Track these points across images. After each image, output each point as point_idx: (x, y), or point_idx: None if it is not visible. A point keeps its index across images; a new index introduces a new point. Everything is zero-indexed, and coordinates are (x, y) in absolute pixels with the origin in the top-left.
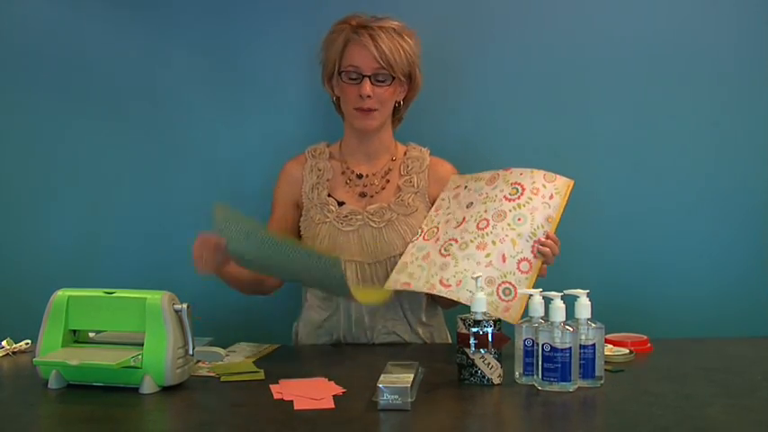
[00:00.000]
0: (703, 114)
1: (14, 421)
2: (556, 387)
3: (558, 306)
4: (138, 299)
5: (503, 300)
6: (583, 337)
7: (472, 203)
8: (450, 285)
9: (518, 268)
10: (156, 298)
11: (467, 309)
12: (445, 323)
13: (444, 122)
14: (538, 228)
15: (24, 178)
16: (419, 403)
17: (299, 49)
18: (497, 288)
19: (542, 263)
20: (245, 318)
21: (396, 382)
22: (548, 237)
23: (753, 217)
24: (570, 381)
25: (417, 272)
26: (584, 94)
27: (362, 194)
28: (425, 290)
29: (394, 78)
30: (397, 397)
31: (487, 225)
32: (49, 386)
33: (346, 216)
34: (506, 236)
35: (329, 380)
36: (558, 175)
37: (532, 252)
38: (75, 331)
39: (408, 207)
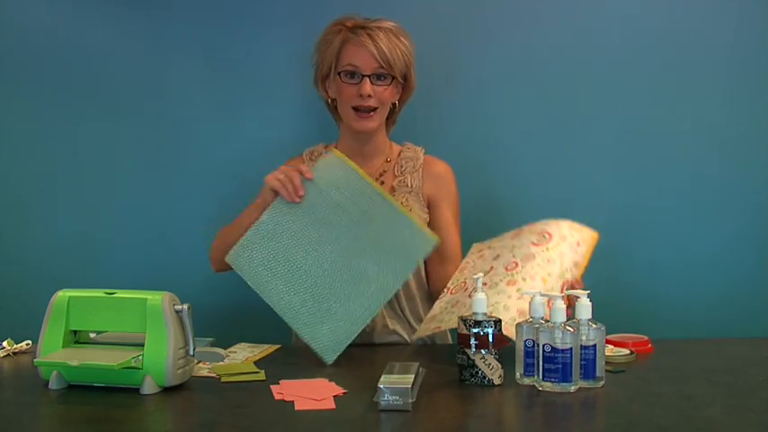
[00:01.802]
0: (704, 115)
1: (15, 422)
2: (556, 388)
3: (559, 307)
4: (138, 299)
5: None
6: (583, 337)
7: (498, 256)
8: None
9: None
10: (157, 298)
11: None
12: None
13: (441, 123)
14: (566, 270)
15: (24, 178)
16: (420, 404)
17: (298, 51)
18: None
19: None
20: (245, 318)
21: (396, 382)
22: (572, 284)
23: (753, 217)
24: (571, 381)
25: (447, 317)
26: (583, 95)
27: None
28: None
29: (393, 78)
30: (397, 397)
31: (516, 266)
32: (49, 387)
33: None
34: (536, 273)
35: (330, 380)
36: (583, 226)
37: (562, 292)
38: (75, 332)
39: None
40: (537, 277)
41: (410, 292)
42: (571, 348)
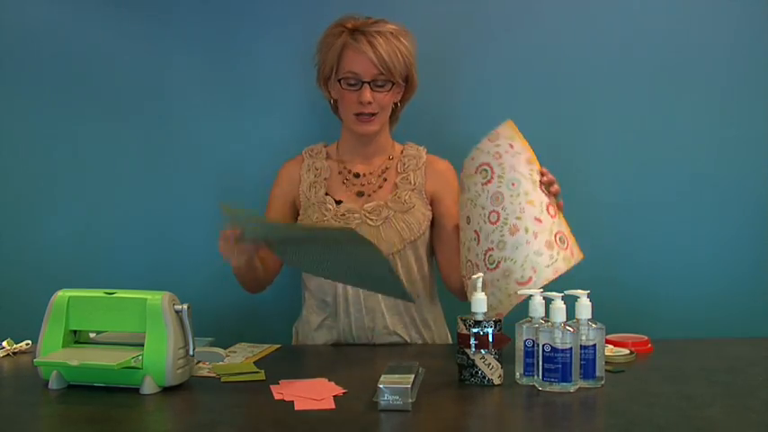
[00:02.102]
0: (704, 114)
1: (15, 421)
2: (556, 387)
3: (559, 306)
4: (138, 299)
5: (563, 248)
6: (583, 337)
7: (469, 218)
8: (528, 280)
9: (549, 214)
10: (157, 298)
11: (468, 309)
12: (446, 323)
13: (443, 123)
14: (530, 174)
15: (24, 178)
16: (420, 404)
17: (299, 50)
18: (555, 242)
19: (555, 197)
20: (245, 318)
21: (396, 382)
22: (542, 173)
23: (753, 217)
24: (571, 381)
25: (495, 300)
26: (584, 95)
27: (360, 193)
28: (516, 302)
29: (393, 84)
30: (397, 397)
31: (497, 215)
32: (49, 387)
33: (344, 214)
34: (519, 203)
35: (329, 380)
36: (495, 129)
37: (545, 194)
38: (75, 332)
39: (405, 204)
40: (524, 204)
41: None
42: (571, 348)
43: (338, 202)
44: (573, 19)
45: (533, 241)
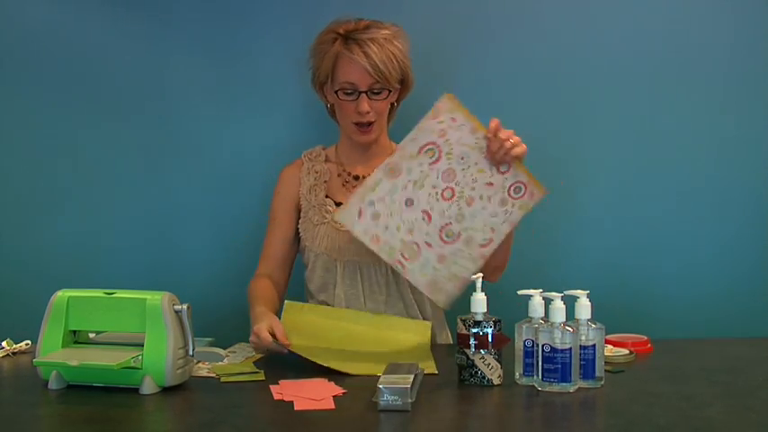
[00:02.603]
0: (704, 114)
1: (14, 422)
2: (556, 388)
3: (559, 307)
4: (138, 299)
5: (519, 197)
6: (583, 337)
7: (411, 200)
8: (489, 241)
9: (500, 173)
10: (157, 298)
11: (467, 309)
12: (446, 323)
13: None
14: (476, 143)
15: (24, 178)
16: (419, 404)
17: (299, 51)
18: (510, 196)
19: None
20: (245, 318)
21: (396, 382)
22: (490, 138)
23: (753, 217)
24: (570, 381)
25: (458, 268)
26: (584, 95)
27: None
28: (481, 263)
29: (390, 91)
30: (397, 398)
31: (451, 191)
32: (49, 387)
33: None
34: (471, 174)
35: (329, 380)
36: (435, 104)
37: (494, 159)
38: (75, 332)
39: None
40: (476, 175)
41: (412, 288)
42: (570, 348)
43: (338, 205)
44: (573, 20)
45: (488, 205)
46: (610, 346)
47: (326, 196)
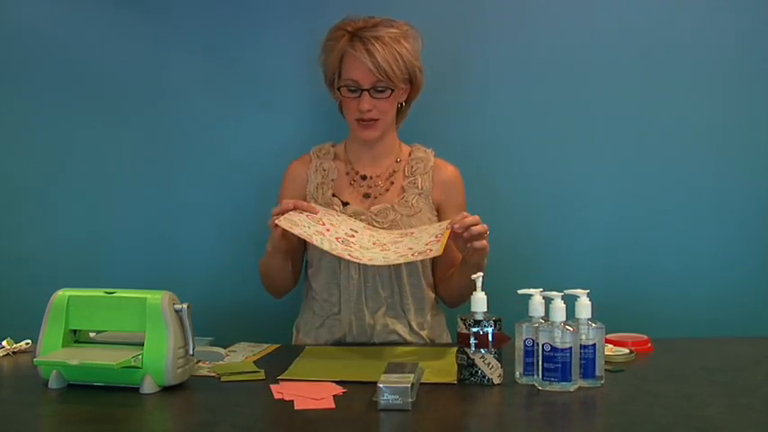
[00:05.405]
0: (704, 115)
1: (14, 421)
2: (556, 387)
3: (559, 306)
4: (138, 299)
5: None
6: (583, 336)
7: (354, 231)
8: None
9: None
10: (157, 298)
11: (467, 308)
12: (446, 323)
13: (448, 123)
14: (437, 228)
15: (25, 178)
16: (419, 403)
17: (303, 48)
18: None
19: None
20: (245, 318)
21: (396, 382)
22: (457, 222)
23: (753, 217)
24: (570, 381)
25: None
26: (585, 96)
27: (366, 195)
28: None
29: (394, 89)
30: (397, 397)
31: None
32: (49, 386)
33: (350, 216)
34: (411, 233)
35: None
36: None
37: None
38: (75, 331)
39: (412, 208)
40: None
41: (413, 290)
42: (571, 348)
43: (345, 204)
44: (576, 20)
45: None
46: (610, 346)
47: (333, 195)
